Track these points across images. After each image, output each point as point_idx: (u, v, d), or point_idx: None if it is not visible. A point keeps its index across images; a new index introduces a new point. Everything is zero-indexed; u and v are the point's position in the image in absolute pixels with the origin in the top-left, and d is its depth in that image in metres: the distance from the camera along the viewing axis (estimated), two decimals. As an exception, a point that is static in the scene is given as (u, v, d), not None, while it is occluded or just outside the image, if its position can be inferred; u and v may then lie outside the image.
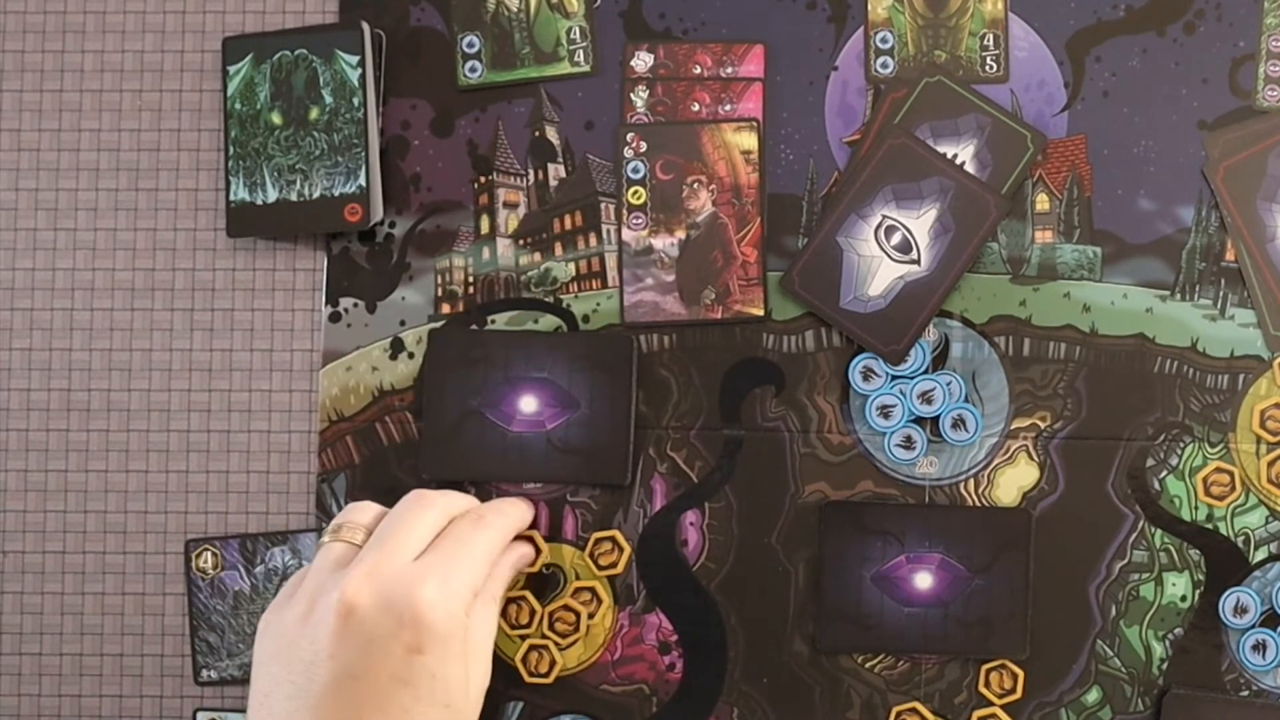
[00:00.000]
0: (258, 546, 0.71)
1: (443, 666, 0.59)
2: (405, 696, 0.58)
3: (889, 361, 0.70)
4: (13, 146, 0.73)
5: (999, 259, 0.71)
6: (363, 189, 0.71)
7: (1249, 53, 0.71)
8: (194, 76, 0.73)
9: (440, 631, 0.59)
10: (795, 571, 0.70)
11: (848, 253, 0.70)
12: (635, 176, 0.71)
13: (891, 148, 0.70)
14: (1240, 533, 0.69)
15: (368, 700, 0.57)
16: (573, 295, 0.71)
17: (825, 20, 0.72)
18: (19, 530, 0.72)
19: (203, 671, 0.71)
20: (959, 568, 0.69)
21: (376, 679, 0.57)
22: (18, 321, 0.72)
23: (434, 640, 0.59)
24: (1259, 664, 0.69)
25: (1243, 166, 0.70)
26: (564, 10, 0.72)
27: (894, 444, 0.70)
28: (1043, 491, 0.70)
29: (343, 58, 0.71)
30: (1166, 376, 0.70)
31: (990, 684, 0.69)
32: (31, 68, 0.73)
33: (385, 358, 0.71)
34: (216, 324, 0.72)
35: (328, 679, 0.57)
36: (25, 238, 0.73)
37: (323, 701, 0.57)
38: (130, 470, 0.72)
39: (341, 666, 0.57)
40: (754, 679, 0.70)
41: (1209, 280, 0.70)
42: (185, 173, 0.73)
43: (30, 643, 0.71)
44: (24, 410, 0.72)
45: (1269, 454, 0.69)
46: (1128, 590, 0.69)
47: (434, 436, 0.70)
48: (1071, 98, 0.71)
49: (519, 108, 0.72)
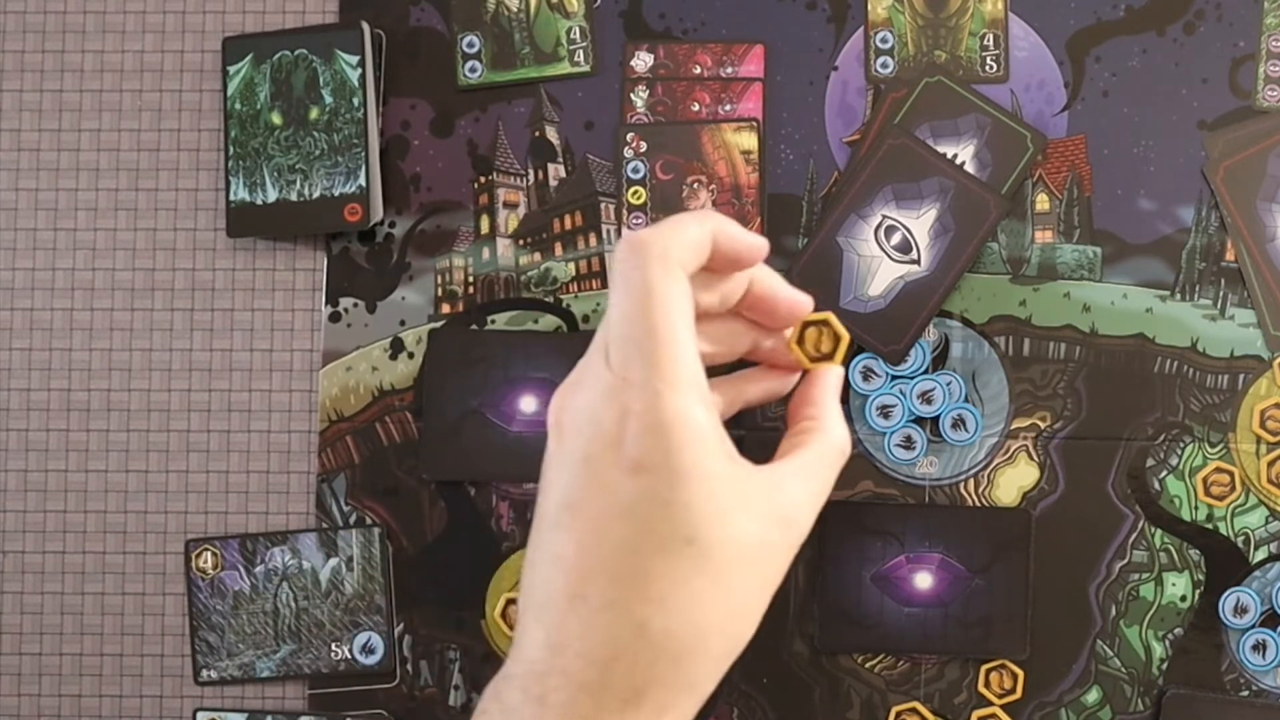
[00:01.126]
0: (258, 546, 0.71)
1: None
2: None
3: (889, 361, 0.70)
4: (13, 146, 0.73)
5: (999, 259, 0.71)
6: (363, 189, 0.71)
7: (1249, 53, 0.71)
8: (194, 76, 0.73)
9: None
10: (795, 571, 0.70)
11: (848, 253, 0.70)
12: (635, 176, 0.71)
13: (891, 148, 0.70)
14: (1240, 533, 0.69)
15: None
16: (573, 295, 0.71)
17: (825, 20, 0.72)
18: (19, 530, 0.72)
19: (203, 671, 0.71)
20: (959, 568, 0.69)
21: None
22: (18, 321, 0.72)
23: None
24: (1259, 664, 0.69)
25: (1243, 166, 0.70)
26: (564, 10, 0.72)
27: (894, 444, 0.70)
28: (1043, 491, 0.70)
29: (343, 58, 0.71)
30: (1166, 376, 0.70)
31: (990, 684, 0.69)
32: (31, 68, 0.73)
33: (385, 358, 0.71)
34: (216, 324, 0.72)
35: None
36: (25, 238, 0.73)
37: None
38: (130, 470, 0.72)
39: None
40: (754, 679, 0.70)
41: (1209, 280, 0.70)
42: (185, 173, 0.73)
43: (30, 643, 0.71)
44: (24, 410, 0.72)
45: (1269, 454, 0.69)
46: (1128, 590, 0.69)
47: (434, 436, 0.70)
48: (1071, 98, 0.71)
49: (519, 108, 0.72)
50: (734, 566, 0.42)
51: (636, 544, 0.41)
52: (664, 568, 0.41)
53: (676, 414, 0.41)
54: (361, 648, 0.70)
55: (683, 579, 0.41)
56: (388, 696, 0.70)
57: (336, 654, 0.70)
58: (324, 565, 0.70)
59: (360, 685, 0.70)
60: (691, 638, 0.41)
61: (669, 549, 0.40)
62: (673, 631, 0.41)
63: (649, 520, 0.41)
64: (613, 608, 0.41)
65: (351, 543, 0.70)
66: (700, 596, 0.41)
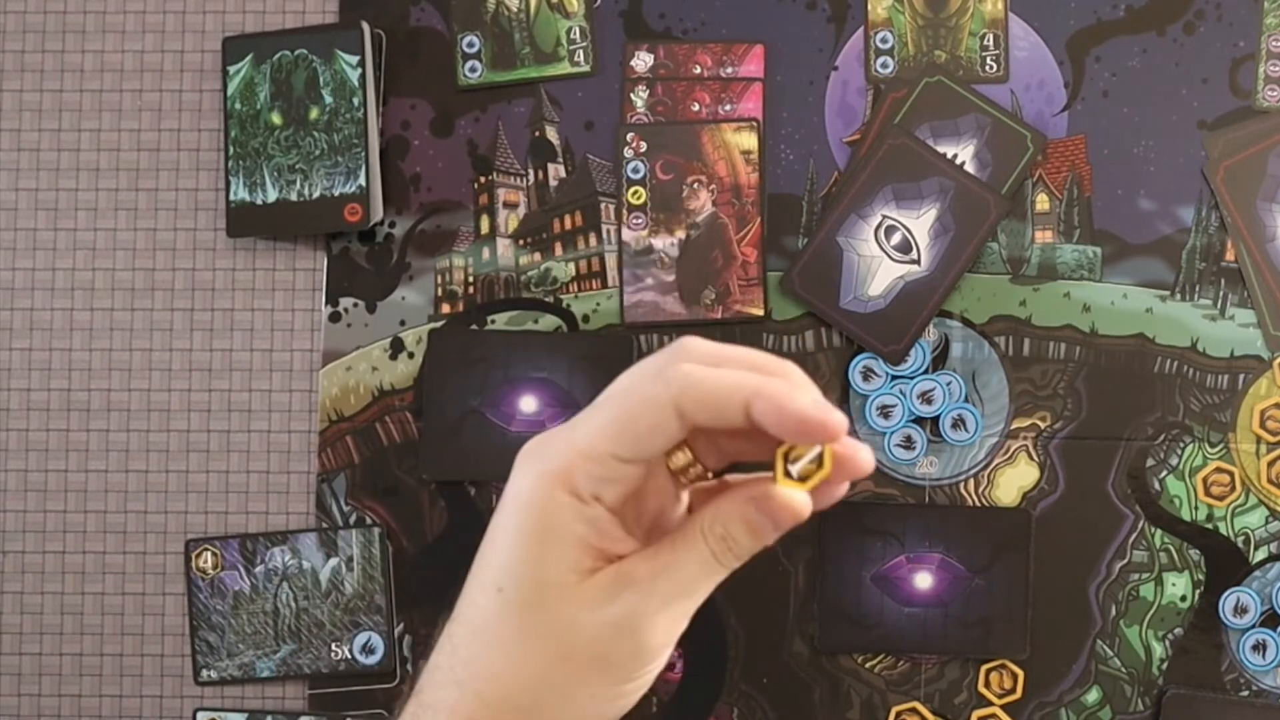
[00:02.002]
0: (258, 546, 0.71)
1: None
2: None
3: (889, 361, 0.70)
4: (13, 146, 0.73)
5: (999, 259, 0.71)
6: (363, 189, 0.71)
7: (1249, 53, 0.71)
8: (194, 76, 0.73)
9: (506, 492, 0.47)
10: (795, 572, 0.70)
11: (848, 253, 0.70)
12: (635, 176, 0.71)
13: (891, 148, 0.70)
14: (1240, 533, 0.69)
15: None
16: (573, 295, 0.71)
17: (825, 20, 0.72)
18: (19, 530, 0.72)
19: (203, 671, 0.71)
20: (959, 568, 0.69)
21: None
22: (18, 321, 0.72)
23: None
24: (1259, 664, 0.69)
25: (1243, 166, 0.70)
26: (564, 10, 0.72)
27: (894, 444, 0.70)
28: (1043, 491, 0.70)
29: (343, 58, 0.71)
30: (1166, 376, 0.70)
31: (990, 684, 0.69)
32: (31, 68, 0.73)
33: (385, 358, 0.71)
34: (216, 324, 0.72)
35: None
36: (25, 238, 0.73)
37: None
38: (130, 470, 0.72)
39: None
40: (754, 679, 0.70)
41: (1209, 280, 0.70)
42: (185, 173, 0.73)
43: (30, 643, 0.71)
44: (24, 410, 0.72)
45: (1269, 454, 0.69)
46: (1128, 590, 0.69)
47: (434, 436, 0.70)
48: (1071, 98, 0.71)
49: (519, 108, 0.72)
50: (534, 634, 0.45)
51: (476, 574, 0.47)
52: (480, 603, 0.46)
53: (532, 488, 0.45)
54: (361, 648, 0.70)
55: (488, 621, 0.46)
56: (388, 696, 0.70)
57: (336, 654, 0.70)
58: (324, 565, 0.70)
59: (360, 685, 0.70)
60: (483, 675, 0.46)
61: (486, 589, 0.46)
62: (467, 660, 0.46)
63: (484, 558, 0.47)
64: (450, 623, 0.47)
65: (351, 543, 0.70)
66: (499, 644, 0.46)
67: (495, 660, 0.45)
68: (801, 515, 0.43)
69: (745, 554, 0.45)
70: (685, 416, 0.43)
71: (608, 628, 0.44)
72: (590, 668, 0.45)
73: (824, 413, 0.42)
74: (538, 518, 0.45)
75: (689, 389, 0.42)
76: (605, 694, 0.45)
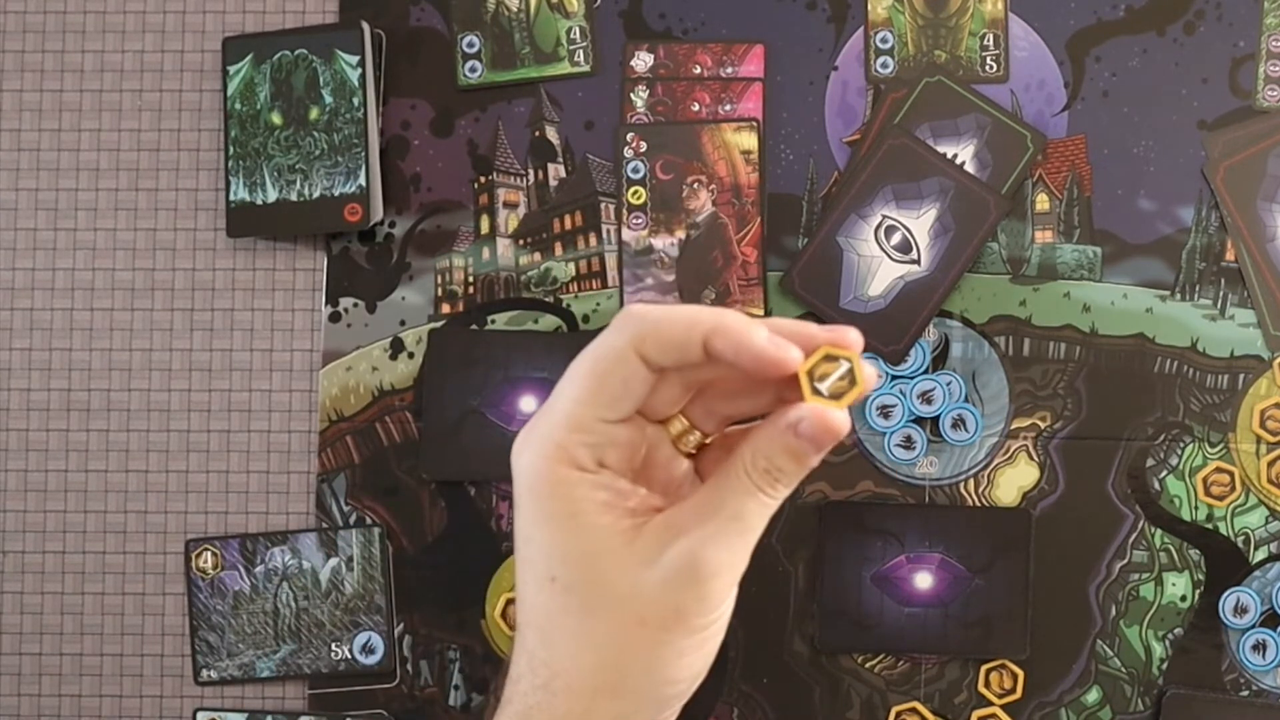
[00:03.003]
0: (258, 546, 0.71)
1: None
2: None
3: (889, 361, 0.70)
4: (13, 146, 0.73)
5: (999, 259, 0.71)
6: (363, 189, 0.71)
7: (1249, 53, 0.71)
8: (194, 76, 0.73)
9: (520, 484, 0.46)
10: (795, 571, 0.70)
11: (848, 253, 0.70)
12: (635, 176, 0.71)
13: (891, 148, 0.70)
14: (1240, 533, 0.69)
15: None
16: (573, 295, 0.71)
17: (825, 20, 0.72)
18: (19, 530, 0.72)
19: (203, 671, 0.71)
20: (959, 568, 0.69)
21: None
22: (18, 321, 0.72)
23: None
24: (1259, 664, 0.69)
25: (1243, 166, 0.70)
26: (564, 10, 0.72)
27: (894, 444, 0.70)
28: (1043, 491, 0.70)
29: (343, 58, 0.71)
30: (1166, 376, 0.70)
31: (990, 684, 0.69)
32: (31, 68, 0.73)
33: (385, 358, 0.71)
34: (216, 324, 0.72)
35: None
36: (25, 238, 0.73)
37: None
38: (130, 470, 0.72)
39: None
40: (754, 679, 0.70)
41: (1209, 280, 0.70)
42: (185, 173, 0.73)
43: (30, 643, 0.71)
44: (24, 410, 0.72)
45: (1269, 454, 0.69)
46: (1128, 590, 0.69)
47: (434, 436, 0.70)
48: (1071, 98, 0.71)
49: (519, 108, 0.72)
50: (599, 608, 0.45)
51: (524, 576, 0.46)
52: (538, 601, 0.45)
53: (536, 473, 0.45)
54: (361, 648, 0.70)
55: (552, 613, 0.45)
56: (388, 696, 0.70)
57: (336, 654, 0.70)
58: (324, 565, 0.70)
59: (360, 685, 0.70)
60: (563, 669, 0.45)
61: (540, 584, 0.45)
62: (545, 660, 0.45)
63: (525, 557, 0.46)
64: (518, 632, 0.46)
65: (351, 543, 0.70)
66: (568, 632, 0.45)
67: (571, 650, 0.45)
68: (841, 432, 0.44)
69: (792, 482, 0.45)
70: (650, 360, 0.44)
71: (669, 577, 0.44)
72: (663, 624, 0.45)
73: (780, 349, 0.43)
74: (556, 499, 0.45)
75: (647, 333, 0.44)
76: (685, 645, 0.45)
